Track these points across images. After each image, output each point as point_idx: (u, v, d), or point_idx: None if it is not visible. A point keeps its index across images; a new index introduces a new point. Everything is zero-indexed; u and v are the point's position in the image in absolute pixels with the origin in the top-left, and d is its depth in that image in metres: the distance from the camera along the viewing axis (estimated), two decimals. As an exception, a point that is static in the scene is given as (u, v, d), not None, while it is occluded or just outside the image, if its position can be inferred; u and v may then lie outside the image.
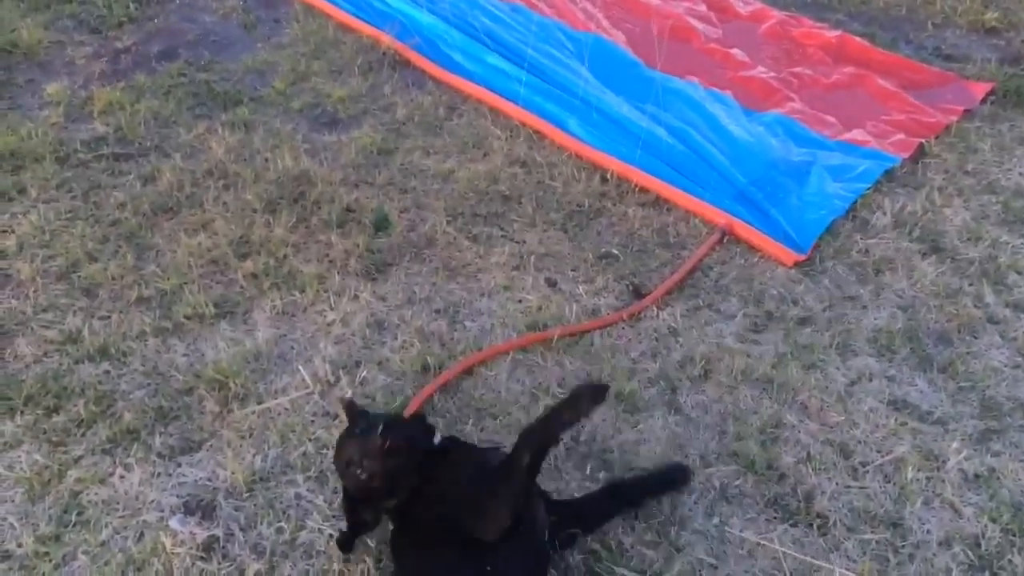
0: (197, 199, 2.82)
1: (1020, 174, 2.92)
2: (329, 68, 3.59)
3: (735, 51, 3.72)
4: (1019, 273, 2.56)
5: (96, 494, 1.95)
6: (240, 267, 2.56)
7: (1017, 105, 3.24)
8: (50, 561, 1.82)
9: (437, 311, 2.49)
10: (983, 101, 3.28)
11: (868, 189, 2.91)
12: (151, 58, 3.56)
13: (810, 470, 2.06)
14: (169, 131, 3.14)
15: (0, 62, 3.42)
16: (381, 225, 2.78)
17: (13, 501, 1.93)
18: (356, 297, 2.50)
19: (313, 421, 2.12)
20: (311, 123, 3.29)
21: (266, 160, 3.01)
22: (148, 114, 3.18)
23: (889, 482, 2.04)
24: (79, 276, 2.50)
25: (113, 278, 2.49)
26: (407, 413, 2.09)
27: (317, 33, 3.82)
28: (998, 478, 2.04)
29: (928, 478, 2.05)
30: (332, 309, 2.45)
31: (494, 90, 3.48)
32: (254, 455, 2.04)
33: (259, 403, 2.16)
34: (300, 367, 2.25)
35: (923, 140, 3.11)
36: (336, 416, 2.12)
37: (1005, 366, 2.31)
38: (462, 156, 3.14)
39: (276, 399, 2.17)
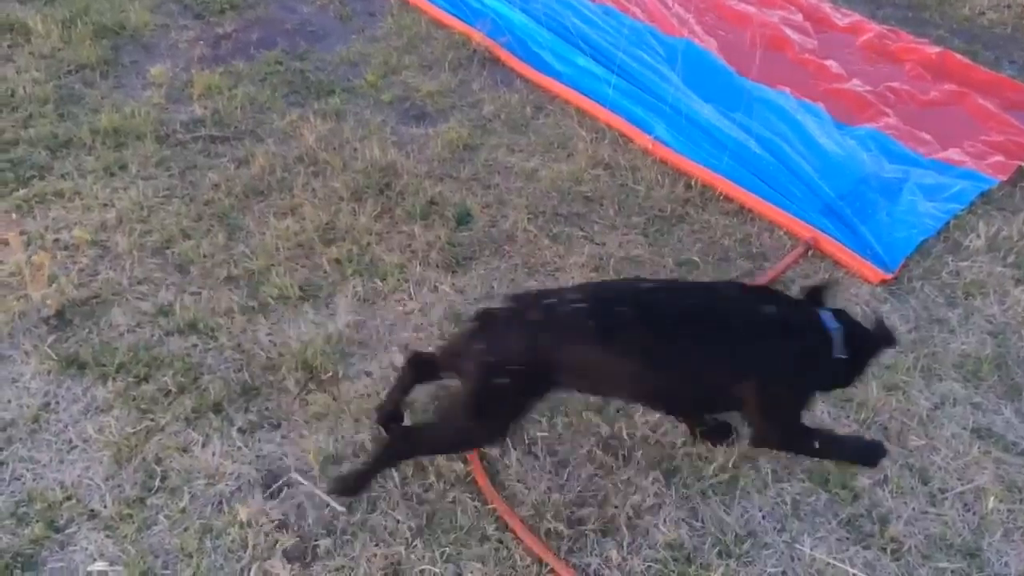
0: (287, 184, 2.89)
1: None
2: (420, 62, 3.64)
3: (830, 63, 3.66)
4: (1119, 305, 2.46)
5: (179, 462, 2.02)
6: (325, 252, 2.61)
7: None
8: (133, 523, 1.89)
9: (514, 307, 2.50)
10: (1089, 126, 3.16)
11: (962, 210, 2.84)
12: (250, 45, 3.67)
13: (887, 493, 2.02)
14: (264, 117, 3.23)
15: (108, 43, 3.56)
16: (463, 219, 2.82)
17: (101, 463, 2.01)
18: (436, 288, 2.53)
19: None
20: (400, 116, 3.34)
21: (355, 150, 3.07)
22: (244, 99, 3.27)
23: (968, 511, 1.99)
24: (173, 252, 2.59)
25: (204, 256, 2.58)
26: None
27: (410, 28, 3.88)
28: (1085, 515, 1.97)
29: (1010, 510, 1.99)
30: (412, 299, 2.48)
31: (582, 91, 3.48)
32: (329, 436, 2.08)
33: (337, 386, 2.20)
34: (380, 354, 2.29)
35: (1022, 163, 3.01)
36: (411, 404, 2.15)
37: (1098, 400, 2.22)
38: (546, 155, 3.15)
39: (353, 383, 2.21)
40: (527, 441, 2.10)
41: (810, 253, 2.72)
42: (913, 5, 4.01)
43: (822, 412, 2.19)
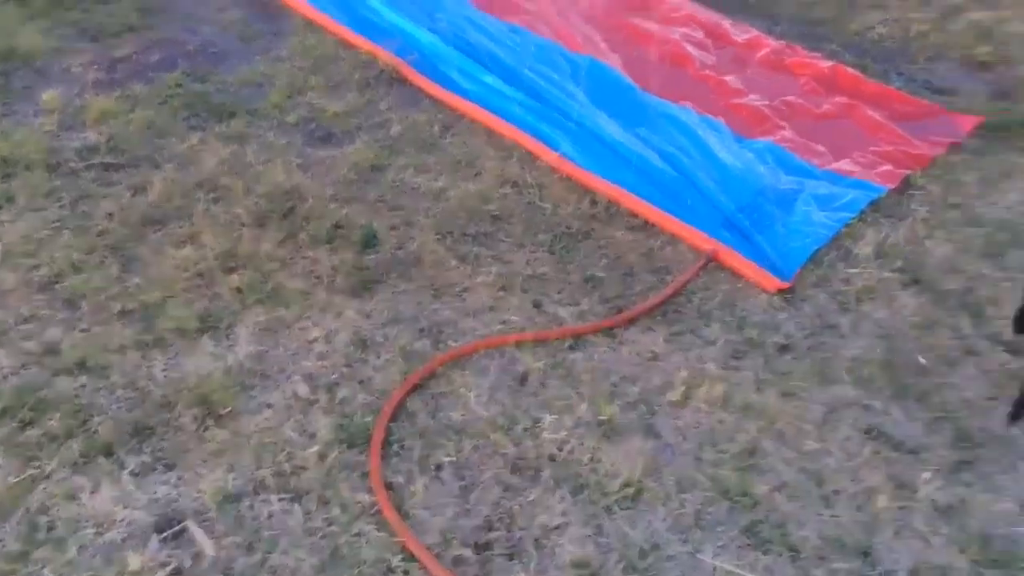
0: (186, 211, 2.84)
1: (1004, 208, 2.95)
2: (326, 83, 3.62)
3: (729, 78, 3.76)
4: (997, 306, 2.58)
5: (66, 511, 1.95)
6: (226, 281, 2.57)
7: (1004, 139, 3.27)
8: (18, 577, 1.83)
9: (422, 330, 2.50)
10: (970, 134, 3.31)
11: (853, 219, 2.94)
12: (148, 68, 3.59)
13: (784, 498, 2.08)
14: (162, 142, 3.16)
15: (-2, 68, 3.46)
16: (369, 242, 2.81)
17: (-16, 515, 1.93)
18: (340, 314, 2.51)
19: (289, 440, 2.13)
20: (305, 137, 3.31)
21: (258, 174, 3.03)
22: (142, 124, 3.20)
23: (861, 511, 2.06)
24: (62, 287, 2.51)
25: (96, 289, 2.50)
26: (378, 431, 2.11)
27: (316, 48, 3.85)
28: (968, 509, 2.05)
29: (900, 507, 2.06)
30: (316, 326, 2.46)
31: (489, 109, 3.50)
32: (228, 474, 2.05)
33: (236, 420, 2.17)
34: (282, 384, 2.27)
35: (909, 172, 3.14)
36: (314, 434, 2.13)
37: (979, 397, 2.33)
38: (454, 175, 3.16)
39: (254, 416, 2.18)
40: (433, 467, 2.10)
41: (711, 265, 2.79)
42: (808, 21, 4.16)
43: (719, 422, 2.25)
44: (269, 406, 2.21)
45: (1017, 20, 4.01)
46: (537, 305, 2.63)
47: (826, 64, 3.80)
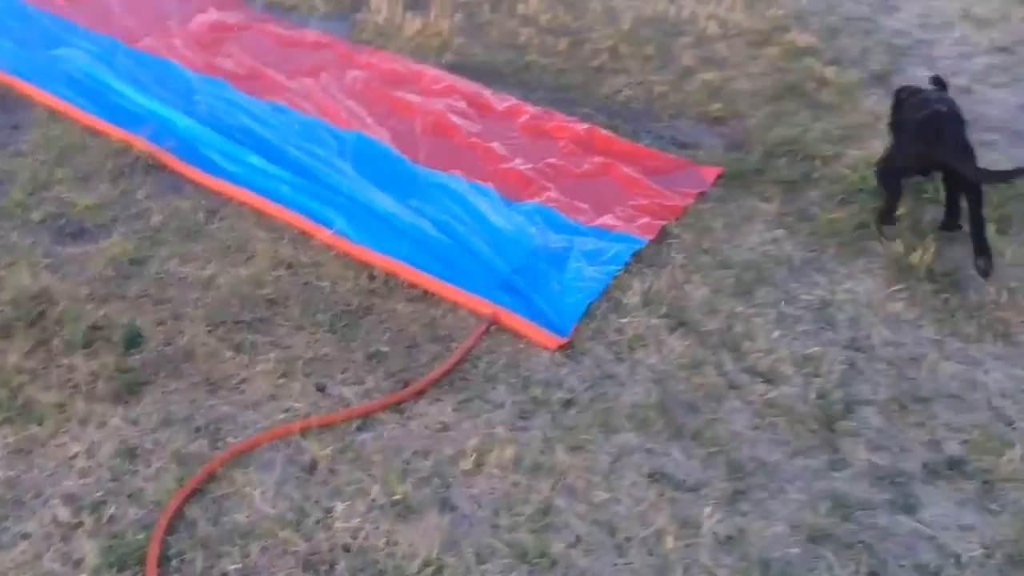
0: (-84, 328, 2.56)
1: (748, 249, 3.22)
2: (75, 175, 3.41)
3: (494, 145, 3.89)
4: (753, 340, 2.80)
5: None
6: (-33, 401, 2.33)
7: (742, 186, 3.59)
8: None
9: (197, 430, 2.37)
10: (714, 184, 3.61)
11: (620, 271, 3.10)
12: None
13: (580, 553, 2.12)
14: None
15: None
16: (133, 341, 2.64)
17: None
18: (104, 424, 2.34)
19: (51, 573, 1.94)
20: (54, 235, 3.09)
21: (1, 279, 2.78)
22: None
23: (652, 555, 2.14)
24: None
25: None
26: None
27: (62, 138, 3.63)
28: (747, 537, 2.19)
29: (686, 545, 2.16)
30: (75, 440, 2.27)
31: (257, 191, 3.43)
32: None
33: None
34: (39, 510, 2.06)
35: (665, 222, 3.37)
36: (79, 561, 1.95)
37: (746, 428, 2.50)
38: (224, 261, 3.05)
39: (9, 551, 1.96)
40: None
41: (492, 328, 2.84)
42: (560, 87, 4.40)
43: (513, 485, 2.28)
44: (25, 537, 2.01)
45: (742, 78, 4.44)
46: (321, 388, 2.57)
47: (582, 127, 4.03)
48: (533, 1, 5.20)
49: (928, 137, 3.11)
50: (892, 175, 3.30)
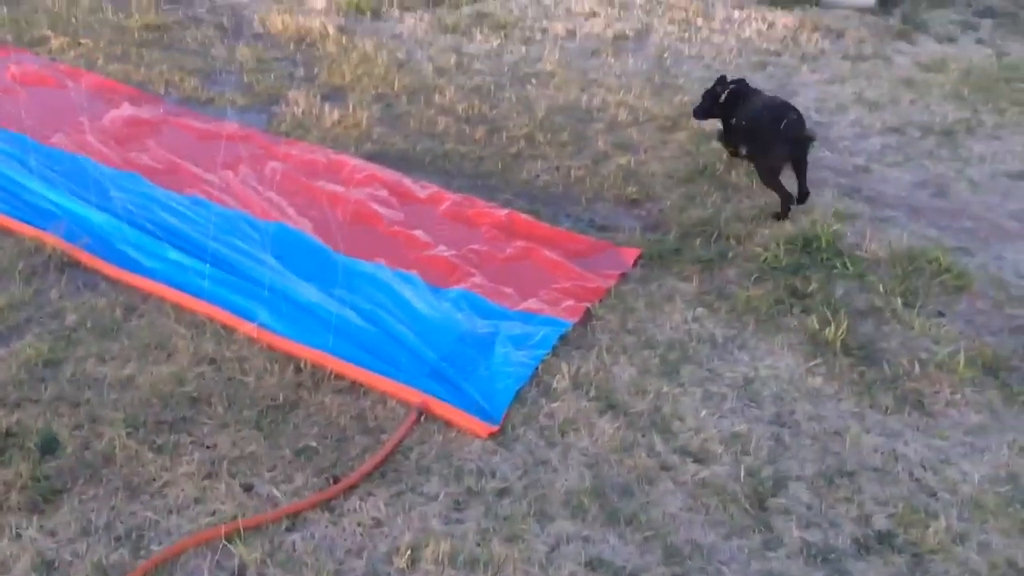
0: None
1: (671, 328, 3.30)
2: (-17, 276, 3.29)
3: (417, 232, 3.93)
4: (682, 420, 2.85)
5: None
6: None
7: (662, 266, 3.70)
8: None
9: (118, 539, 2.28)
10: (634, 265, 3.71)
11: (547, 354, 3.13)
12: None
13: (521, 647, 2.09)
14: None
15: None
16: (48, 447, 2.53)
17: None
18: (19, 536, 2.23)
19: None
20: (-39, 339, 2.96)
21: (-97, 388, 2.65)
22: None
23: (594, 646, 2.12)
24: None
25: None
26: None
27: (-32, 238, 3.51)
28: (686, 622, 2.19)
29: (627, 635, 2.15)
30: (-13, 557, 2.15)
31: (176, 286, 3.37)
32: None
33: None
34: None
35: (589, 304, 3.43)
36: None
37: (680, 510, 2.52)
38: (143, 359, 2.98)
39: None
40: None
41: (423, 418, 2.82)
42: (481, 174, 4.49)
43: (453, 579, 2.24)
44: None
45: (654, 162, 4.61)
46: (248, 488, 2.51)
47: (503, 212, 4.10)
48: (449, 92, 5.33)
49: (795, 139, 4.04)
50: (774, 176, 4.10)
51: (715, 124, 4.49)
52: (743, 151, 4.32)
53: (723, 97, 4.34)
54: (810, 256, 3.70)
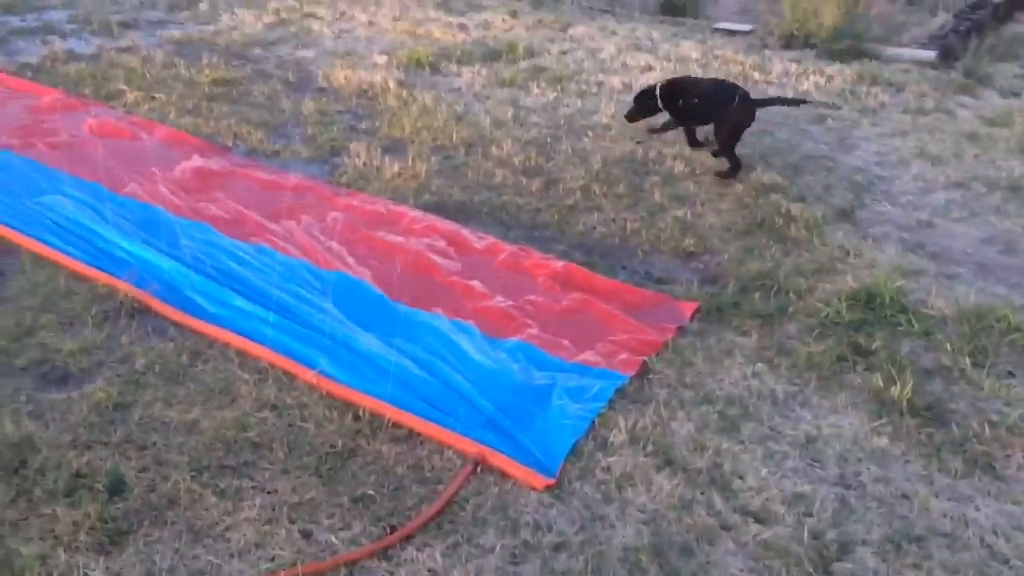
0: None
1: (730, 383, 3.27)
2: (59, 320, 3.42)
3: (474, 282, 3.97)
4: (742, 478, 2.81)
5: None
6: (-57, 558, 2.26)
7: (720, 321, 3.67)
8: None
9: (181, 582, 2.31)
10: (692, 318, 3.69)
11: (603, 408, 3.12)
12: None
13: None
14: None
15: None
16: (116, 489, 2.59)
17: None
18: (86, 577, 2.27)
19: None
20: (37, 381, 3.07)
21: (-19, 428, 2.75)
22: None
23: None
24: None
25: None
26: None
27: (46, 284, 3.65)
28: None
29: None
30: (56, 596, 2.20)
31: (241, 333, 3.45)
32: None
33: None
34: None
35: (646, 357, 3.42)
36: None
37: (741, 571, 2.47)
38: (208, 404, 3.04)
39: None
40: None
41: (479, 469, 2.82)
42: (537, 225, 4.54)
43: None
44: None
45: (711, 215, 4.61)
46: (307, 535, 2.53)
47: (559, 264, 4.13)
48: (506, 144, 5.41)
49: (749, 111, 5.08)
50: (734, 143, 5.09)
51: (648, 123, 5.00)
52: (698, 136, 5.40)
53: (658, 90, 5.28)
54: (873, 312, 3.65)
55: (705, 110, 5.17)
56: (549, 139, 5.57)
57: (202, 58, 6.88)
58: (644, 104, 5.44)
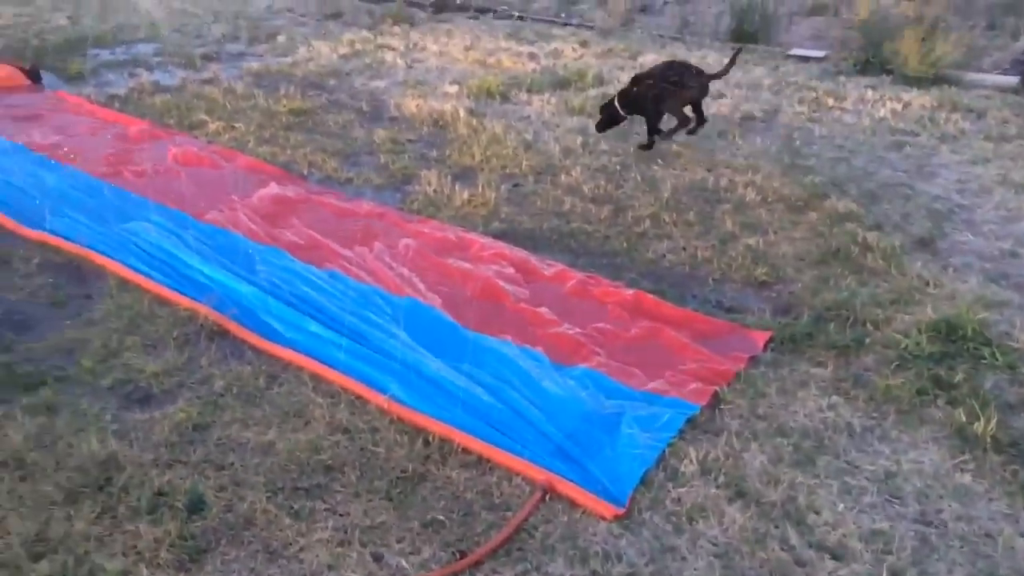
0: (-13, 496, 2.61)
1: (805, 415, 3.21)
2: (143, 342, 3.54)
3: (543, 309, 3.98)
4: (818, 513, 2.74)
5: None
6: (34, 570, 2.35)
7: (794, 351, 3.61)
8: None
9: (256, 602, 2.35)
10: (764, 348, 3.64)
11: (674, 438, 3.09)
12: (-56, 342, 3.39)
13: None
14: (-41, 420, 2.94)
15: None
16: (196, 507, 2.66)
17: None
18: (166, 594, 2.33)
19: None
20: (121, 401, 3.18)
21: (70, 445, 2.86)
22: (-65, 406, 2.98)
23: None
24: None
25: None
26: None
27: (131, 307, 3.79)
28: None
29: None
30: (138, 612, 2.26)
31: (314, 357, 3.52)
32: None
33: None
34: None
35: (717, 387, 3.38)
36: None
37: (816, 607, 2.42)
38: (283, 426, 3.10)
39: None
40: None
41: (548, 497, 2.82)
42: (606, 253, 4.54)
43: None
44: None
45: (784, 243, 4.55)
46: (378, 558, 2.56)
47: (628, 292, 4.12)
48: (576, 172, 5.44)
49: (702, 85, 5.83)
50: (682, 108, 5.85)
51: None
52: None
53: (616, 100, 5.89)
54: (955, 345, 3.55)
55: (659, 89, 5.73)
56: (619, 167, 5.59)
57: (280, 89, 7.10)
58: (609, 115, 5.96)
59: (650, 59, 8.12)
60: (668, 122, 5.83)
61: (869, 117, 6.41)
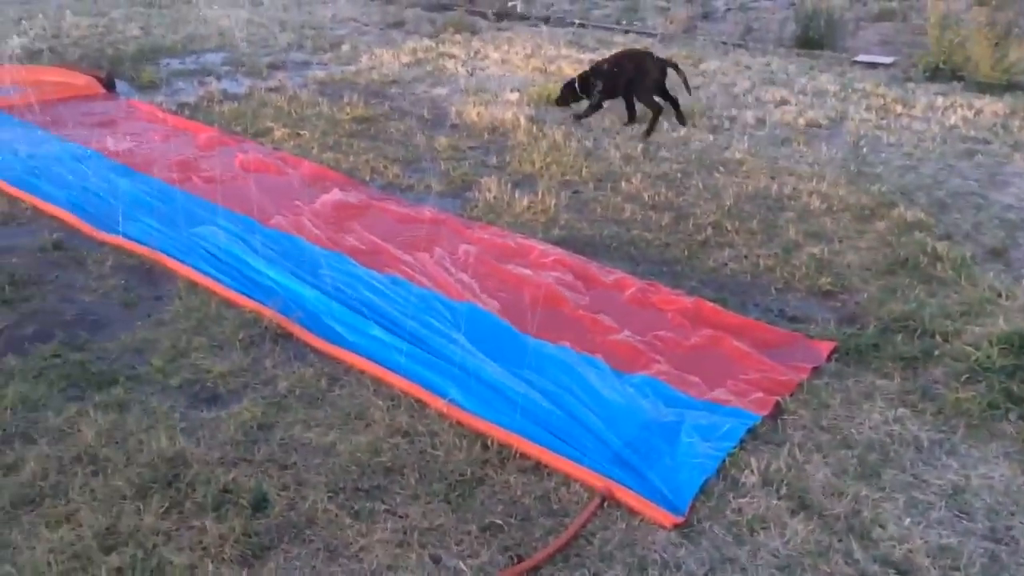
0: (62, 488, 2.70)
1: (870, 428, 3.14)
2: (210, 343, 3.63)
3: (602, 316, 3.97)
4: (883, 527, 2.68)
5: None
6: (105, 562, 2.42)
7: (859, 362, 3.54)
8: None
9: (318, 599, 2.39)
10: (829, 359, 3.57)
11: (735, 447, 3.05)
12: (24, 340, 3.52)
13: None
14: (37, 415, 3.05)
15: None
16: (259, 505, 2.72)
17: None
18: (231, 589, 2.38)
19: None
20: (189, 400, 3.26)
21: (140, 442, 2.94)
22: (15, 399, 3.09)
23: None
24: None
25: (-40, 585, 2.31)
26: None
27: (199, 309, 3.88)
28: None
29: None
30: (204, 605, 2.32)
31: (375, 360, 3.56)
32: None
33: None
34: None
35: (779, 398, 3.33)
36: None
37: (881, 623, 2.36)
38: (344, 428, 3.15)
39: None
40: None
41: (606, 504, 2.81)
42: (666, 260, 4.51)
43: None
44: None
45: (850, 252, 4.47)
46: (436, 560, 2.57)
47: (689, 300, 4.09)
48: (636, 180, 5.42)
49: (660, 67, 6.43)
50: (653, 94, 6.41)
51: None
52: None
53: (576, 82, 6.71)
54: (1028, 358, 3.45)
55: (623, 76, 6.47)
56: (680, 174, 5.55)
57: (343, 97, 7.22)
58: (567, 92, 6.83)
59: (713, 65, 8.05)
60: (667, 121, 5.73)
61: (939, 124, 6.26)
